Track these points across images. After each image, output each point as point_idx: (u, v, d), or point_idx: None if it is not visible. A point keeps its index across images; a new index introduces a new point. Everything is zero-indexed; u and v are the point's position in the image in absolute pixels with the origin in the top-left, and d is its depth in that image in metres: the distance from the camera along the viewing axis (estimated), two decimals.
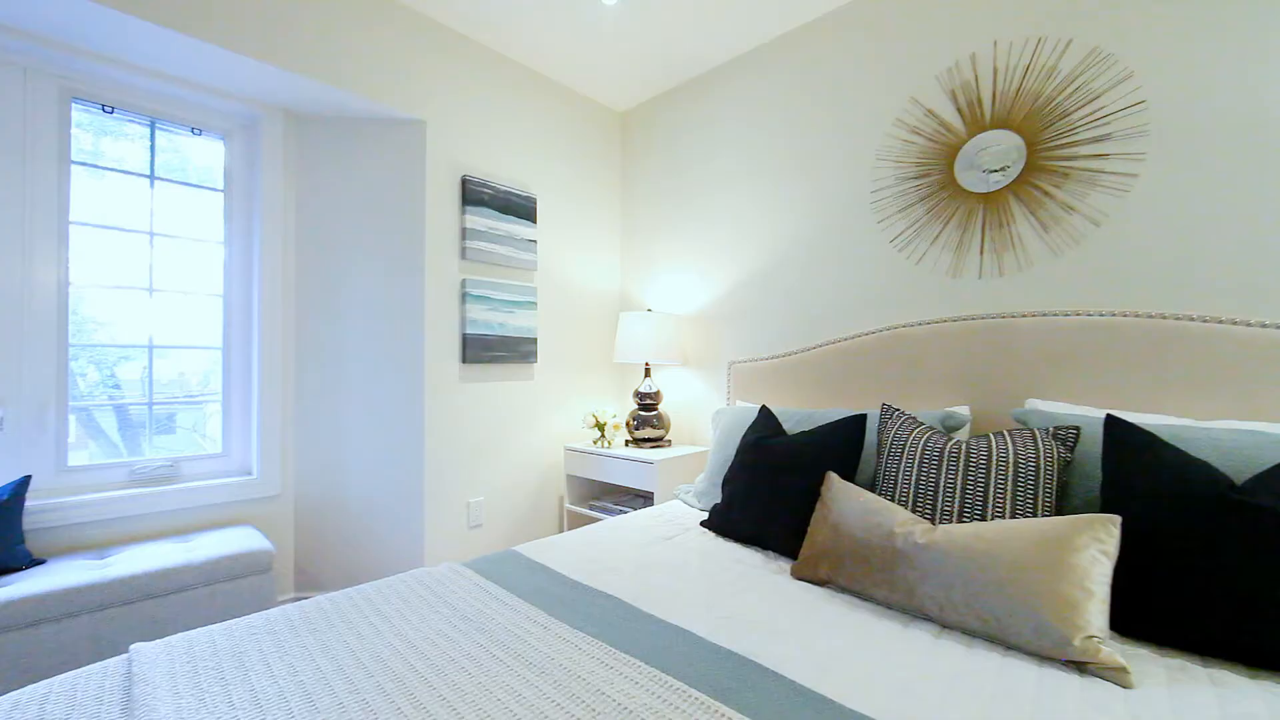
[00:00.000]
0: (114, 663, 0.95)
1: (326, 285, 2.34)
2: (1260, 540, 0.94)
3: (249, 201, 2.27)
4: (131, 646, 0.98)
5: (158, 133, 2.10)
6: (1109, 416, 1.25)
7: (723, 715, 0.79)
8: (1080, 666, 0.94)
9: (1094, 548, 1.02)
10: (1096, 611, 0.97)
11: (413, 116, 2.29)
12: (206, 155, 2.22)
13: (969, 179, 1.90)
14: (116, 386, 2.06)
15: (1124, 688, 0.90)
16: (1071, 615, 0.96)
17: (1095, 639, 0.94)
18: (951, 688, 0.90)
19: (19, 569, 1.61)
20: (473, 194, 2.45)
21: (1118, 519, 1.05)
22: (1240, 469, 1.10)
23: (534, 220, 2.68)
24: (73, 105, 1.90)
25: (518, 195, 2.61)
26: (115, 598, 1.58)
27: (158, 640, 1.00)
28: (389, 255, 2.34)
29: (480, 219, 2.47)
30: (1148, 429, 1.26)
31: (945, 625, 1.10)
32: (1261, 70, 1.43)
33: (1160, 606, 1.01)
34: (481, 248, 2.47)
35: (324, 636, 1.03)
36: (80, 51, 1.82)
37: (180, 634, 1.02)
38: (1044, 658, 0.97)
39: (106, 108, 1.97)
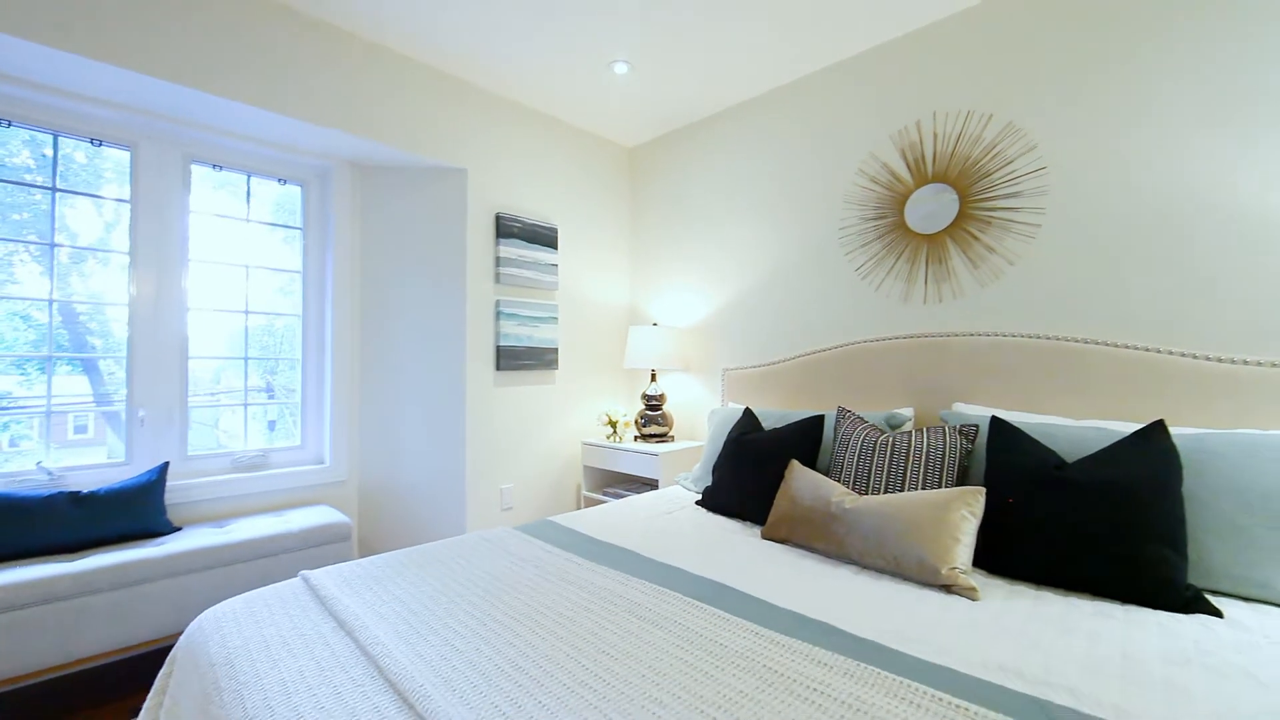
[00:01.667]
0: (290, 582, 1.40)
1: (385, 306, 2.80)
2: (1068, 503, 1.37)
3: (323, 237, 2.73)
4: (300, 573, 1.43)
5: (252, 182, 2.57)
6: (993, 417, 1.67)
7: (702, 609, 1.23)
8: (946, 588, 1.37)
9: (964, 509, 1.45)
10: (961, 552, 1.40)
11: (456, 165, 2.74)
12: (290, 200, 2.68)
13: (916, 222, 2.33)
14: (218, 391, 2.53)
15: (973, 600, 1.33)
16: (943, 554, 1.39)
17: (957, 569, 1.37)
18: (859, 600, 1.33)
19: (165, 534, 2.08)
20: (504, 227, 2.90)
21: (983, 490, 1.48)
22: (1079, 453, 1.53)
23: (555, 247, 3.13)
24: (192, 166, 2.37)
25: (542, 226, 3.06)
26: (239, 556, 2.05)
27: (318, 570, 1.44)
28: (436, 280, 2.80)
29: (511, 248, 2.92)
30: (1028, 426, 1.69)
31: (863, 566, 1.53)
32: (1131, 146, 1.85)
33: (1008, 549, 1.44)
34: (512, 273, 2.93)
35: (426, 570, 1.48)
36: (199, 125, 2.28)
37: (331, 566, 1.48)
38: (923, 584, 1.41)
39: (216, 166, 2.44)
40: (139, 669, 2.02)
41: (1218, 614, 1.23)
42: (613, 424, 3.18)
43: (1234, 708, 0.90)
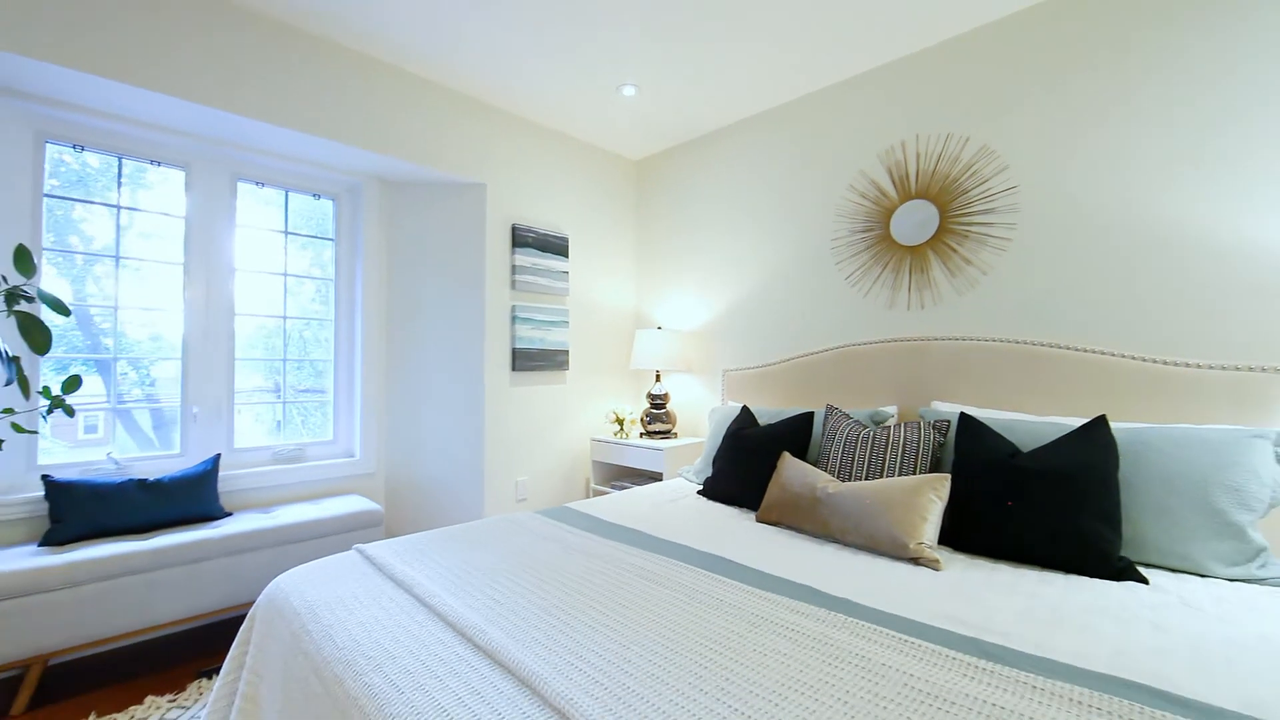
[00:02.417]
0: (346, 554, 1.62)
1: (410, 311, 3.03)
2: (1020, 488, 1.58)
3: (353, 247, 2.96)
4: (354, 546, 1.65)
5: (290, 197, 2.79)
6: (961, 413, 1.89)
7: (702, 574, 1.45)
8: (914, 560, 1.58)
9: (931, 494, 1.66)
10: (927, 530, 1.61)
11: (475, 180, 2.97)
12: (322, 213, 2.91)
13: (900, 234, 2.54)
14: (258, 390, 2.75)
15: (936, 570, 1.54)
16: (911, 531, 1.60)
17: (923, 544, 1.58)
18: (837, 569, 1.54)
19: (219, 518, 2.31)
20: (520, 237, 3.12)
21: (948, 477, 1.69)
22: (1034, 445, 1.73)
23: (566, 255, 3.35)
24: (238, 184, 2.60)
25: (553, 236, 3.28)
26: (287, 538, 2.28)
27: (371, 544, 1.67)
28: (457, 287, 3.02)
29: (525, 257, 3.14)
30: (994, 421, 1.90)
31: (843, 543, 1.75)
32: (1093, 169, 2.06)
33: (969, 529, 1.66)
34: (526, 280, 3.15)
35: (462, 544, 1.70)
36: (246, 147, 2.51)
37: (382, 541, 1.70)
38: (894, 557, 1.62)
39: (259, 183, 2.66)
40: (202, 637, 2.25)
41: (1144, 581, 1.44)
42: (620, 422, 3.39)
43: (1131, 644, 1.11)
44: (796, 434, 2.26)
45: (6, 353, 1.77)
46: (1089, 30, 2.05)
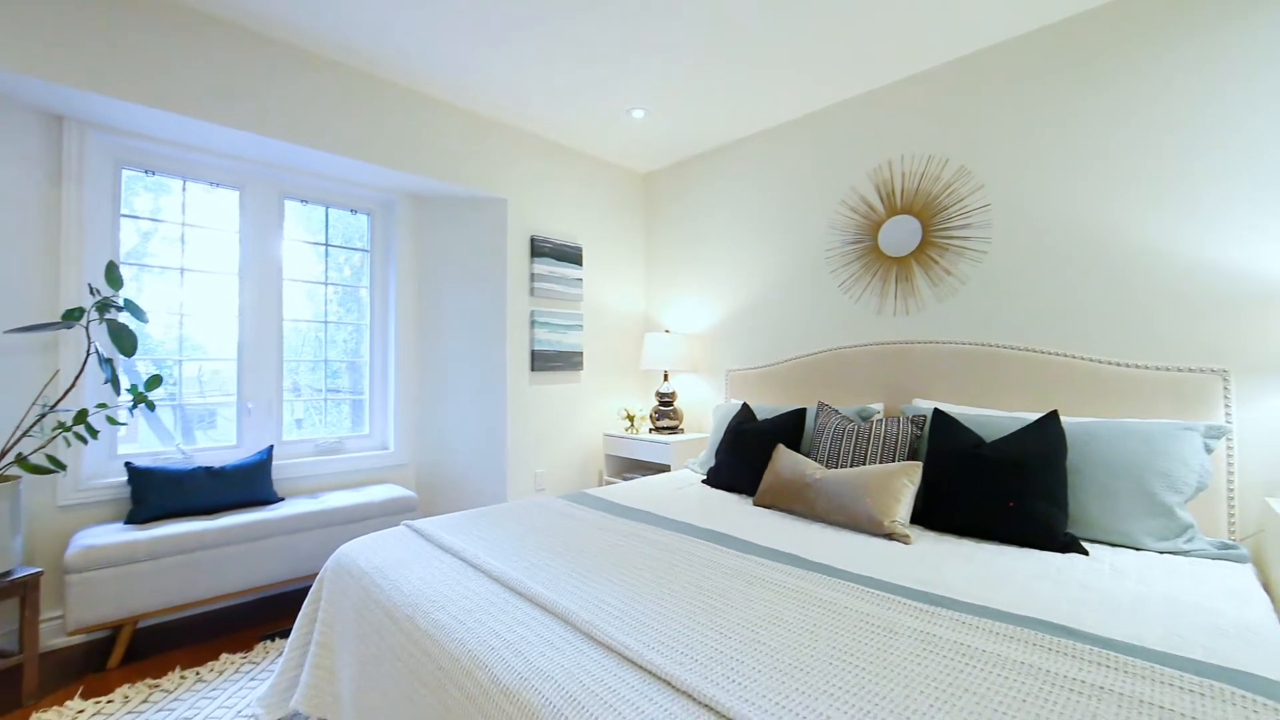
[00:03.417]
0: (395, 529, 1.88)
1: (439, 315, 3.30)
2: (980, 474, 1.82)
3: (386, 257, 3.23)
4: (403, 522, 1.92)
5: (330, 213, 3.07)
6: (935, 409, 2.12)
7: (704, 544, 1.69)
8: (888, 536, 1.82)
9: (904, 479, 1.90)
10: (900, 509, 1.85)
11: (498, 195, 3.23)
12: (358, 226, 3.18)
13: (887, 246, 2.77)
14: (303, 388, 3.03)
15: (906, 544, 1.78)
16: (886, 510, 1.84)
17: (896, 522, 1.82)
18: (821, 542, 1.78)
19: (273, 502, 2.58)
20: (538, 248, 3.38)
21: (919, 464, 1.93)
22: (998, 437, 1.97)
23: (580, 263, 3.61)
24: (285, 202, 2.88)
25: (569, 246, 3.53)
26: (334, 520, 2.55)
27: (419, 520, 1.92)
28: (481, 294, 3.28)
29: (543, 266, 3.40)
30: (965, 416, 2.13)
31: (829, 523, 1.99)
32: (1057, 189, 2.28)
33: (938, 509, 1.89)
34: (544, 287, 3.40)
35: (496, 522, 1.95)
36: (293, 170, 2.79)
37: (429, 518, 1.96)
38: (871, 533, 1.86)
39: (303, 201, 2.94)
40: (264, 605, 2.53)
41: (1085, 553, 1.67)
42: (630, 418, 3.64)
43: (1057, 599, 1.35)
44: (791, 428, 2.50)
45: (101, 355, 2.05)
46: (1049, 66, 2.28)
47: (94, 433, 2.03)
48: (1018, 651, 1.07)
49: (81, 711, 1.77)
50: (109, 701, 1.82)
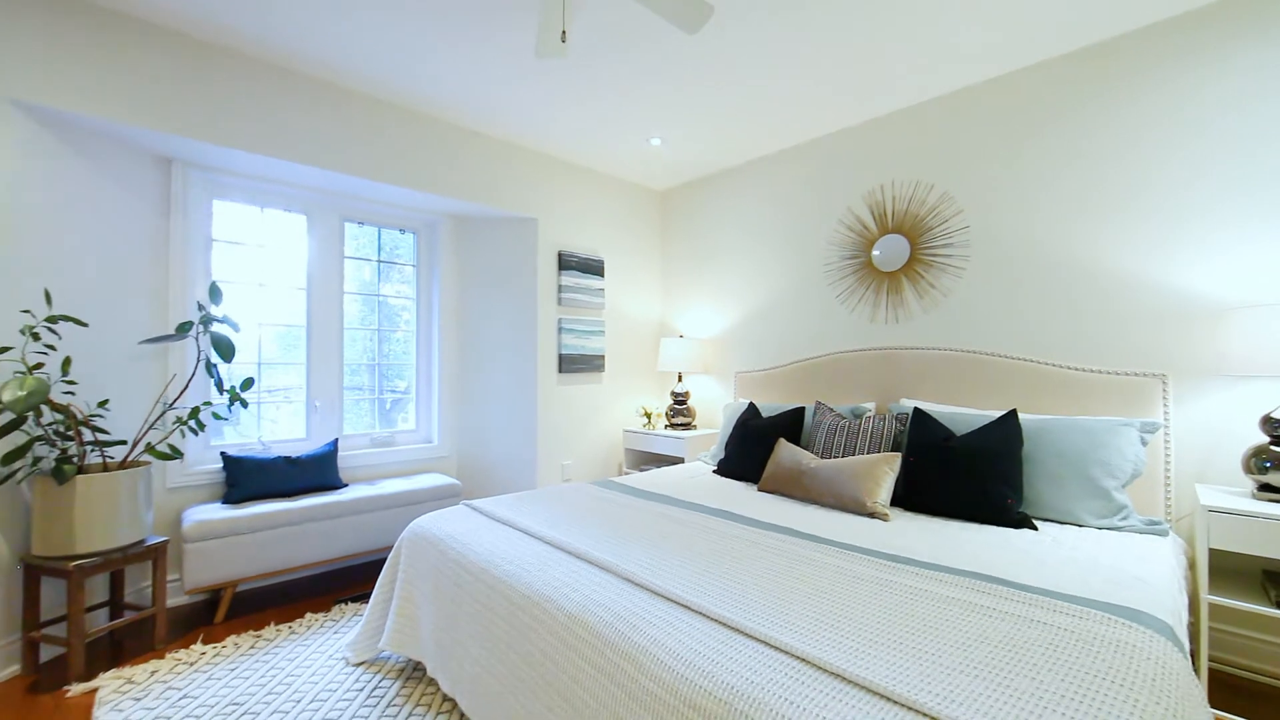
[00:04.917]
0: (455, 508, 2.25)
1: (477, 323, 3.67)
2: (949, 463, 2.15)
3: (430, 271, 3.61)
4: (461, 502, 2.29)
5: (382, 232, 3.46)
6: (915, 408, 2.45)
7: (715, 519, 2.04)
8: (870, 515, 2.16)
9: (886, 467, 2.23)
10: (881, 493, 2.18)
11: (530, 216, 3.59)
12: (406, 244, 3.57)
13: (879, 262, 3.09)
14: (359, 388, 3.42)
15: (885, 522, 2.11)
16: (870, 494, 2.18)
17: (878, 503, 2.15)
18: (813, 519, 2.12)
19: (339, 488, 2.97)
20: (565, 262, 3.74)
21: (899, 455, 2.26)
22: (966, 431, 2.29)
23: (603, 275, 3.96)
24: (344, 224, 3.27)
25: (592, 259, 3.89)
26: (392, 503, 2.93)
27: (476, 499, 2.29)
28: (515, 303, 3.65)
29: (569, 278, 3.77)
30: (943, 414, 2.46)
31: (821, 505, 2.33)
32: (1026, 214, 2.60)
33: (914, 493, 2.22)
34: (570, 297, 3.77)
35: (539, 502, 2.32)
36: (352, 196, 3.18)
37: (482, 499, 2.33)
38: (856, 513, 2.19)
39: (359, 223, 3.33)
40: (336, 575, 2.93)
41: (1034, 528, 2.00)
42: (648, 415, 4.00)
43: (1000, 561, 1.68)
44: (791, 424, 2.84)
45: (209, 360, 2.44)
46: (1018, 105, 2.59)
47: (202, 426, 2.42)
48: (952, 591, 1.41)
49: (203, 654, 2.16)
50: (224, 647, 2.22)
